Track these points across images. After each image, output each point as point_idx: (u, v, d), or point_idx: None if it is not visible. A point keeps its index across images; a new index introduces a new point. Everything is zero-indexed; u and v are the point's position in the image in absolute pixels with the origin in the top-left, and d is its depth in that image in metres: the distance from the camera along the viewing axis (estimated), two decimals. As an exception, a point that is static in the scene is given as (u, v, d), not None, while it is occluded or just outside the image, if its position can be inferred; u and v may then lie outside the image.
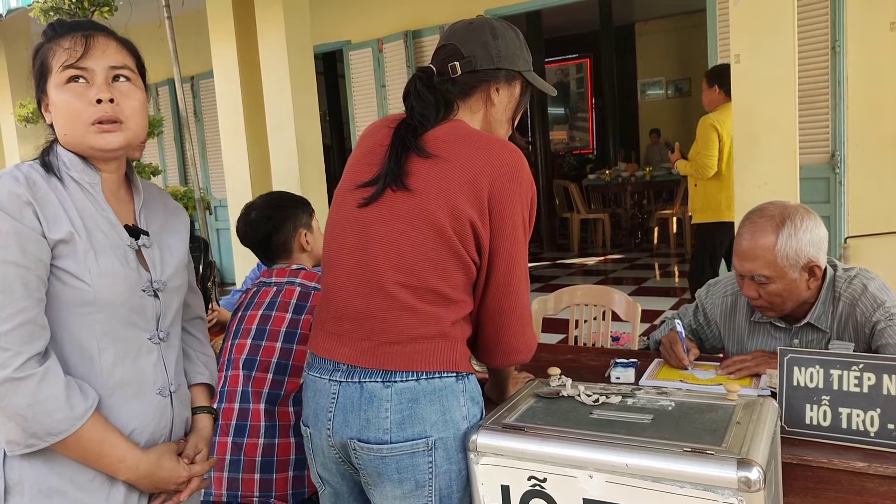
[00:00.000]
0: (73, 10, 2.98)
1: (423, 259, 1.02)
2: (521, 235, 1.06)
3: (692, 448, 0.88)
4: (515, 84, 1.15)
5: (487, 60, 1.10)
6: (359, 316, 1.04)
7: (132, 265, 0.95)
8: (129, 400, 0.95)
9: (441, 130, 1.07)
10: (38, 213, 0.88)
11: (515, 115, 1.18)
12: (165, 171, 6.54)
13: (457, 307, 1.05)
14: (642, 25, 9.18)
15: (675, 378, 1.40)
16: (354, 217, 1.07)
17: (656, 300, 4.67)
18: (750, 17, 2.45)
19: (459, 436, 1.03)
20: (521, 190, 1.05)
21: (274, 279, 1.54)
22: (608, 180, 6.86)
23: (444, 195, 1.01)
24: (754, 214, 1.38)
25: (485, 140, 1.07)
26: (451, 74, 1.10)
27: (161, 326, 0.99)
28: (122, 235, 0.96)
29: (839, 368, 1.10)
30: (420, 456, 1.00)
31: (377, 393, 1.01)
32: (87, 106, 0.90)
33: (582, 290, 2.21)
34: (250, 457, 1.38)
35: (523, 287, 1.08)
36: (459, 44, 1.11)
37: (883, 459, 1.02)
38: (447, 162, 1.02)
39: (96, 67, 0.91)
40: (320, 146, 4.25)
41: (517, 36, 1.16)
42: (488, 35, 1.11)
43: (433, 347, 1.02)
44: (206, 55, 4.48)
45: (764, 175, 2.44)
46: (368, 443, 1.01)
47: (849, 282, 1.39)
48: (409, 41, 5.16)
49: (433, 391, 1.01)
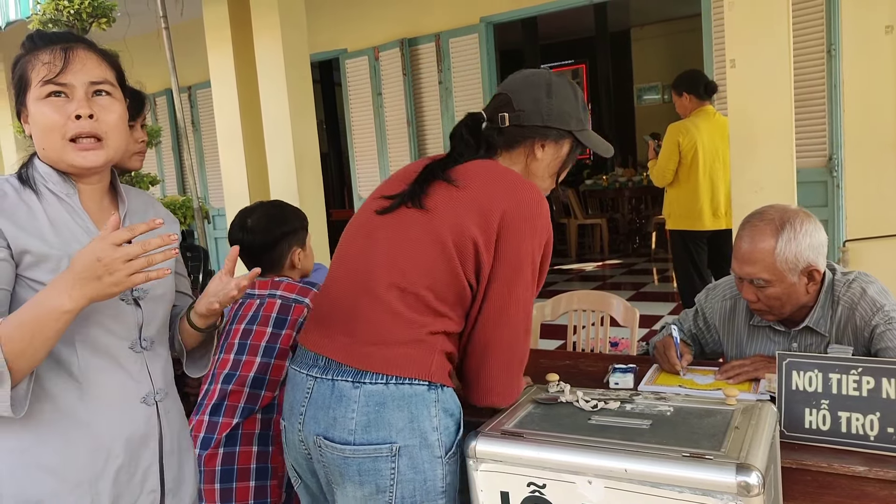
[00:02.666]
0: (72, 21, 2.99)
1: (416, 265, 1.03)
2: (526, 273, 1.06)
3: (691, 453, 0.88)
4: (564, 143, 1.17)
5: (536, 117, 1.13)
6: (346, 312, 1.06)
7: None
8: (109, 409, 0.93)
9: (472, 164, 1.10)
10: (2, 224, 0.86)
11: (561, 171, 1.20)
12: (164, 180, 6.54)
13: (441, 320, 1.05)
14: (638, 30, 9.22)
15: (674, 383, 1.39)
16: (369, 221, 1.11)
17: (655, 305, 4.66)
18: (745, 21, 2.46)
19: (429, 446, 1.02)
20: (535, 229, 1.05)
21: (257, 291, 1.53)
22: (605, 185, 6.87)
23: (453, 216, 1.03)
24: (754, 218, 1.38)
25: (509, 176, 1.09)
26: (500, 124, 1.13)
27: (144, 335, 0.98)
28: None
29: (838, 372, 1.09)
30: (383, 461, 1.00)
31: (346, 392, 1.02)
32: (65, 121, 0.89)
33: (579, 295, 2.21)
34: (210, 467, 1.38)
35: (516, 326, 1.07)
36: (512, 95, 1.14)
37: (883, 463, 1.01)
38: (466, 190, 1.05)
39: (76, 83, 0.90)
40: (317, 154, 4.26)
41: (575, 95, 1.17)
42: (542, 92, 1.13)
43: (407, 353, 1.02)
44: (204, 65, 4.50)
45: (760, 180, 2.45)
46: (333, 441, 1.02)
47: (848, 285, 1.39)
48: (405, 49, 5.18)
49: (402, 397, 1.01)
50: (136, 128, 1.53)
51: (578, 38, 8.80)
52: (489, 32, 4.93)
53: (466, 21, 4.94)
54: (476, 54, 4.92)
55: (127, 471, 0.94)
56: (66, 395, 0.90)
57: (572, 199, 6.65)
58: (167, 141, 6.49)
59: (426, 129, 5.29)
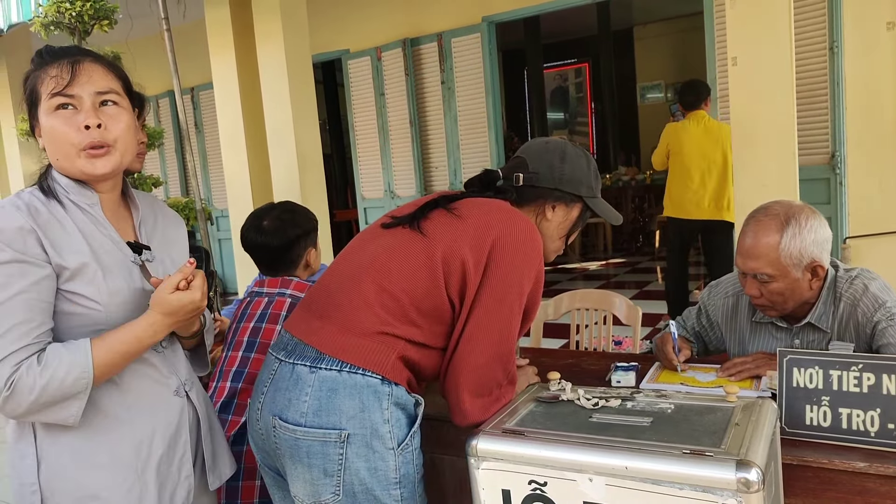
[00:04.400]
0: (74, 24, 3.01)
1: (401, 268, 1.08)
2: (512, 303, 1.08)
3: (691, 450, 0.88)
4: (574, 207, 1.24)
5: (549, 180, 1.20)
6: (327, 298, 1.12)
7: (137, 282, 0.99)
8: (146, 406, 1.00)
9: (477, 199, 1.16)
10: (42, 240, 0.91)
11: (570, 233, 1.27)
12: (167, 182, 6.57)
13: (409, 327, 1.07)
14: (641, 29, 9.20)
15: (676, 381, 1.39)
16: (373, 231, 1.18)
17: (659, 304, 4.66)
18: (746, 19, 2.46)
19: (380, 437, 1.04)
20: (527, 260, 1.09)
21: (266, 289, 1.54)
22: (609, 184, 6.86)
23: (449, 238, 1.08)
24: (759, 213, 1.38)
25: (510, 210, 1.14)
26: (514, 183, 1.20)
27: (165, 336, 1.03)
28: (125, 252, 1.00)
29: (838, 369, 1.09)
30: (331, 446, 1.03)
31: (303, 377, 1.05)
32: (75, 132, 0.93)
33: (582, 294, 2.21)
34: None
35: (496, 352, 1.08)
36: (529, 159, 1.22)
37: (883, 459, 1.01)
38: (465, 220, 1.10)
39: (83, 94, 0.93)
40: (320, 155, 4.28)
41: (588, 164, 1.24)
42: (556, 158, 1.21)
43: (364, 344, 1.05)
44: (206, 66, 4.52)
45: (763, 177, 2.44)
46: (286, 422, 1.05)
47: (850, 282, 1.39)
48: (408, 49, 5.19)
49: (353, 385, 1.04)
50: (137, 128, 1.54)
51: (581, 37, 8.78)
52: (491, 32, 4.93)
53: (468, 21, 4.94)
54: (478, 54, 4.93)
55: (167, 460, 1.02)
56: (108, 399, 0.97)
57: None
58: (170, 142, 6.52)
59: (429, 129, 5.29)
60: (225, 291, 6.25)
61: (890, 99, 2.24)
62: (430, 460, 1.33)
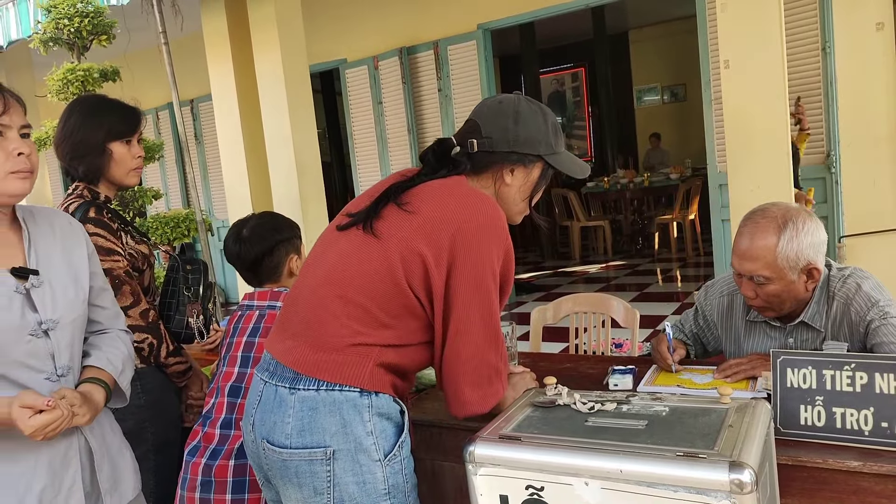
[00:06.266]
0: (72, 39, 3.04)
1: (360, 275, 1.07)
2: (488, 286, 1.07)
3: (685, 452, 0.89)
4: (534, 167, 1.17)
5: (504, 143, 1.14)
6: (297, 317, 1.11)
7: (16, 311, 0.99)
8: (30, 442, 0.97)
9: (429, 186, 1.12)
10: None
11: (534, 194, 1.20)
12: (167, 194, 6.60)
13: (383, 331, 1.07)
14: (636, 32, 9.24)
15: (673, 383, 1.40)
16: (330, 235, 1.16)
17: (659, 305, 4.66)
18: (737, 22, 2.48)
19: (364, 450, 1.04)
20: (492, 241, 1.06)
21: (256, 302, 1.54)
22: (607, 187, 6.88)
23: (403, 238, 1.06)
24: (756, 215, 1.38)
25: (464, 192, 1.10)
26: (469, 150, 1.15)
27: (58, 364, 1.03)
28: (5, 282, 1.00)
29: (832, 368, 1.10)
30: (318, 464, 1.04)
31: (285, 398, 1.06)
32: (6, 157, 1.01)
33: (580, 297, 2.21)
34: (221, 478, 1.40)
35: (484, 337, 1.08)
36: (481, 122, 1.16)
37: (877, 458, 1.02)
38: (417, 215, 1.07)
39: (13, 125, 1.02)
40: (319, 164, 4.30)
41: (545, 120, 1.17)
42: (510, 120, 1.14)
43: (338, 360, 1.05)
44: (205, 78, 4.55)
45: (757, 178, 2.46)
46: (273, 445, 1.06)
47: (843, 281, 1.40)
48: (404, 58, 5.22)
49: (332, 402, 1.04)
50: (132, 143, 1.55)
51: (577, 42, 8.82)
52: (487, 39, 4.96)
53: (464, 28, 4.97)
54: (474, 61, 4.96)
55: (51, 490, 1.03)
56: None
57: (574, 201, 6.66)
58: (170, 154, 6.55)
59: (427, 136, 5.32)
60: (227, 301, 6.27)
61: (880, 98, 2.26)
62: (431, 467, 1.34)
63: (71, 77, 2.95)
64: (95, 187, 1.53)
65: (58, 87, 3.02)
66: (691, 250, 6.24)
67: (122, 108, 1.57)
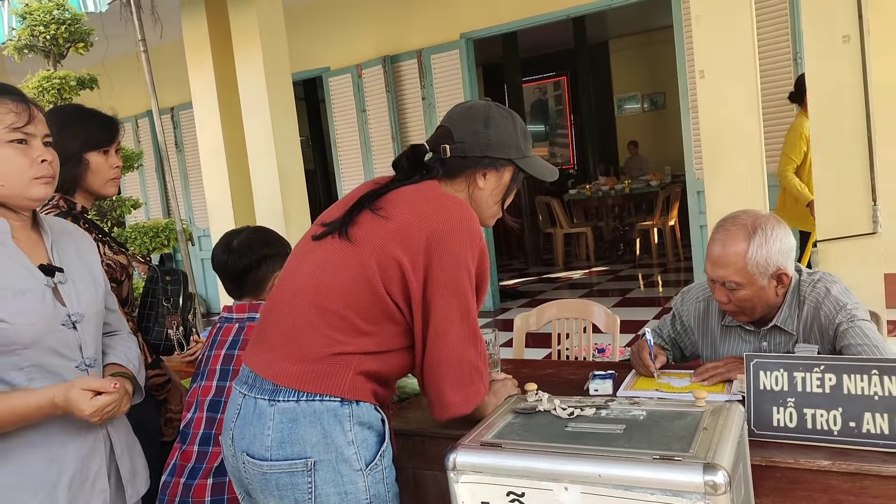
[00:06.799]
0: (48, 47, 3.00)
1: (337, 284, 1.07)
2: (465, 286, 1.08)
3: (661, 455, 0.91)
4: (505, 170, 1.20)
5: (476, 147, 1.17)
6: (273, 329, 1.12)
7: (49, 303, 1.05)
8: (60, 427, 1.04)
9: (402, 192, 1.13)
10: None
11: (506, 197, 1.23)
12: (147, 203, 6.51)
13: (362, 339, 1.08)
14: (616, 42, 9.40)
15: (651, 388, 1.43)
16: (305, 245, 1.16)
17: (641, 310, 4.72)
18: (711, 33, 2.54)
19: (346, 460, 1.05)
20: (466, 242, 1.08)
21: (235, 315, 1.53)
22: (589, 195, 6.96)
23: (378, 244, 1.07)
24: (727, 222, 1.42)
25: (438, 197, 1.12)
26: (441, 155, 1.17)
27: (86, 355, 1.09)
28: (37, 276, 1.06)
29: (802, 371, 1.13)
30: (299, 476, 1.04)
31: (264, 411, 1.06)
32: (31, 164, 1.07)
33: (561, 304, 2.24)
34: (199, 498, 1.38)
35: (464, 336, 1.10)
36: (452, 128, 1.18)
37: (846, 457, 1.05)
38: (391, 221, 1.09)
39: (37, 133, 1.09)
40: (302, 172, 4.29)
41: (514, 124, 1.20)
42: (480, 124, 1.17)
43: (317, 370, 1.06)
44: (186, 85, 4.52)
45: (731, 185, 2.51)
46: (253, 458, 1.06)
47: (813, 286, 1.44)
48: (388, 66, 5.24)
49: (312, 413, 1.05)
50: (110, 153, 1.54)
51: (558, 51, 8.94)
52: (469, 48, 5.01)
53: (447, 37, 5.01)
54: (457, 69, 5.00)
55: (79, 477, 1.08)
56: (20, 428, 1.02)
57: (557, 208, 6.73)
58: (150, 163, 6.47)
59: (410, 144, 5.34)
60: (208, 312, 6.20)
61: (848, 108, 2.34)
62: (413, 476, 1.34)
63: (47, 85, 2.90)
64: (72, 197, 1.51)
65: (33, 96, 2.96)
66: (672, 256, 6.33)
67: (99, 117, 1.55)
